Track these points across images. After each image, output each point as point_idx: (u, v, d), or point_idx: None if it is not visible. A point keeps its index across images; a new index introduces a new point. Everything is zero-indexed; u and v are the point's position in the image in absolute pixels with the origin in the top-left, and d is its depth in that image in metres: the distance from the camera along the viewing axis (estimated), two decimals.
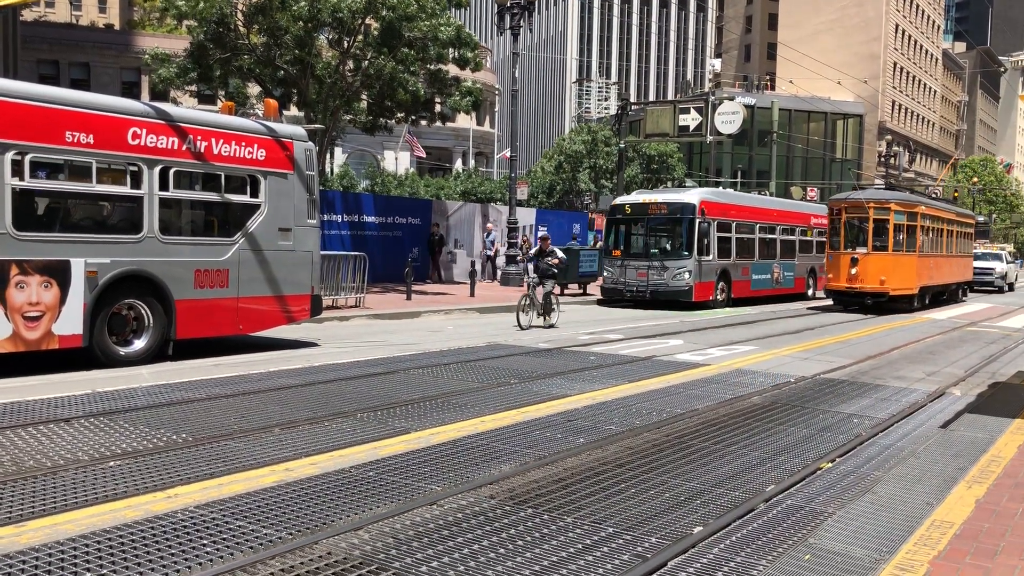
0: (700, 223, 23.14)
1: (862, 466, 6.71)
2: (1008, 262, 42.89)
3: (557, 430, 7.57)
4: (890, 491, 5.98)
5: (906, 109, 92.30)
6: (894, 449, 7.33)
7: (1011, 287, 43.05)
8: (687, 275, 22.92)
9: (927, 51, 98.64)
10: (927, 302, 26.13)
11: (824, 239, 27.21)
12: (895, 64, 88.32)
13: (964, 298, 31.93)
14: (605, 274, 24.64)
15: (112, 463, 6.06)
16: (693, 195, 24.21)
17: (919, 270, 24.28)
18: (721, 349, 13.99)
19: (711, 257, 23.77)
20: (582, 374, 10.91)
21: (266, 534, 4.72)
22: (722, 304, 24.33)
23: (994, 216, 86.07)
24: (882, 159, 54.32)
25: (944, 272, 27.65)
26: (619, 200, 26.11)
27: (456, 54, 26.12)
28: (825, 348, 14.75)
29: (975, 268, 36.39)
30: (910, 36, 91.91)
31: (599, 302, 24.64)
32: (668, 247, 23.86)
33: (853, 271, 23.03)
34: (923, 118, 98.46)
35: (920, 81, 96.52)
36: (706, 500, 5.68)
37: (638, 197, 25.29)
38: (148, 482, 5.64)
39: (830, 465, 6.69)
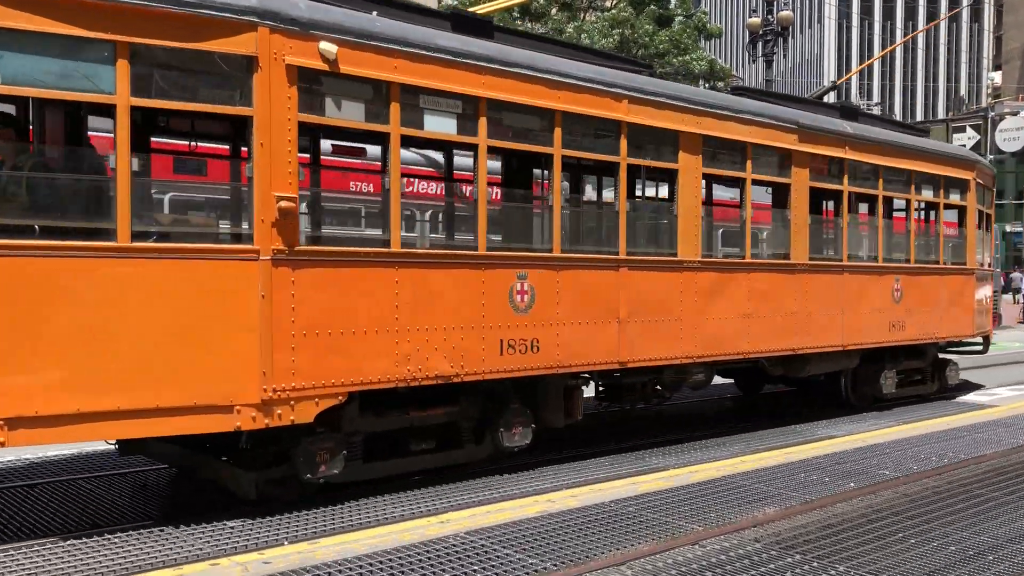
0: None
1: None
2: None
3: (824, 473, 7.20)
4: None
5: None
6: None
7: None
8: None
9: None
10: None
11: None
12: None
13: (937, 385, 11.83)
14: None
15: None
16: None
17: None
18: (1011, 389, 12.68)
19: None
20: (849, 415, 10.32)
21: (531, 563, 4.86)
22: None
23: None
24: None
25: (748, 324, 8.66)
26: None
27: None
28: None
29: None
30: None
31: None
32: None
33: None
34: None
35: None
36: (1000, 556, 5.15)
37: None
38: (423, 506, 6.05)
39: None
